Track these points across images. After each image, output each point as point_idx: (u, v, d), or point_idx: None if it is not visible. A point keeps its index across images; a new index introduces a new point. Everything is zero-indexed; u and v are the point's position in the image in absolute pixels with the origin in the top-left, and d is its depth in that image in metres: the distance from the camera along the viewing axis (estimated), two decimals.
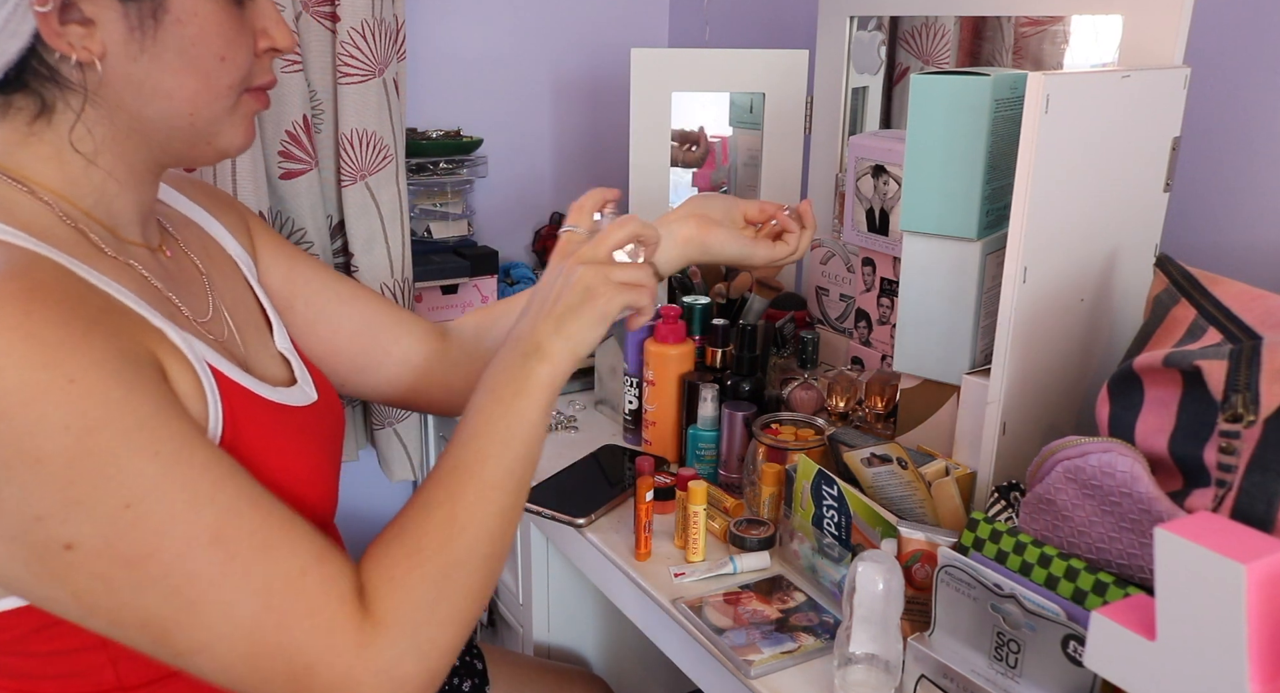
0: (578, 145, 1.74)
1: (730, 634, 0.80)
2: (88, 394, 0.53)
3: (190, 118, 0.66)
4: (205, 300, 0.75)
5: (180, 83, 0.64)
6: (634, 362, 1.11)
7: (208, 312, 0.74)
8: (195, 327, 0.71)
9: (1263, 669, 0.47)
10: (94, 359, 0.55)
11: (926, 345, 0.92)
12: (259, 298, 0.84)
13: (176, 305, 0.70)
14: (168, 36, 0.63)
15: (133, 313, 0.62)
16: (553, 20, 1.65)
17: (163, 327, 0.64)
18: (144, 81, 0.64)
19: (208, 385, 0.65)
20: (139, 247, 0.71)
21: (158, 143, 0.67)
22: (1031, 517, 0.69)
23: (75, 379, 0.53)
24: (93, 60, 0.61)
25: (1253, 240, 1.01)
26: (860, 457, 0.83)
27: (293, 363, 0.82)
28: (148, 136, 0.67)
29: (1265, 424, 0.60)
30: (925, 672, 0.70)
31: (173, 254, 0.75)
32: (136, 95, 0.64)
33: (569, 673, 1.16)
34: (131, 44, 0.62)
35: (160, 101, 0.65)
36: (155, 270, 0.70)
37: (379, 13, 1.28)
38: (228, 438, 0.65)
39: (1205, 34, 0.99)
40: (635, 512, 0.93)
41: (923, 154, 0.87)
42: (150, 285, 0.68)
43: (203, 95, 0.66)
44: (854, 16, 1.26)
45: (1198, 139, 1.03)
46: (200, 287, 0.76)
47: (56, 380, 0.53)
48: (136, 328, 0.61)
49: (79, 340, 0.54)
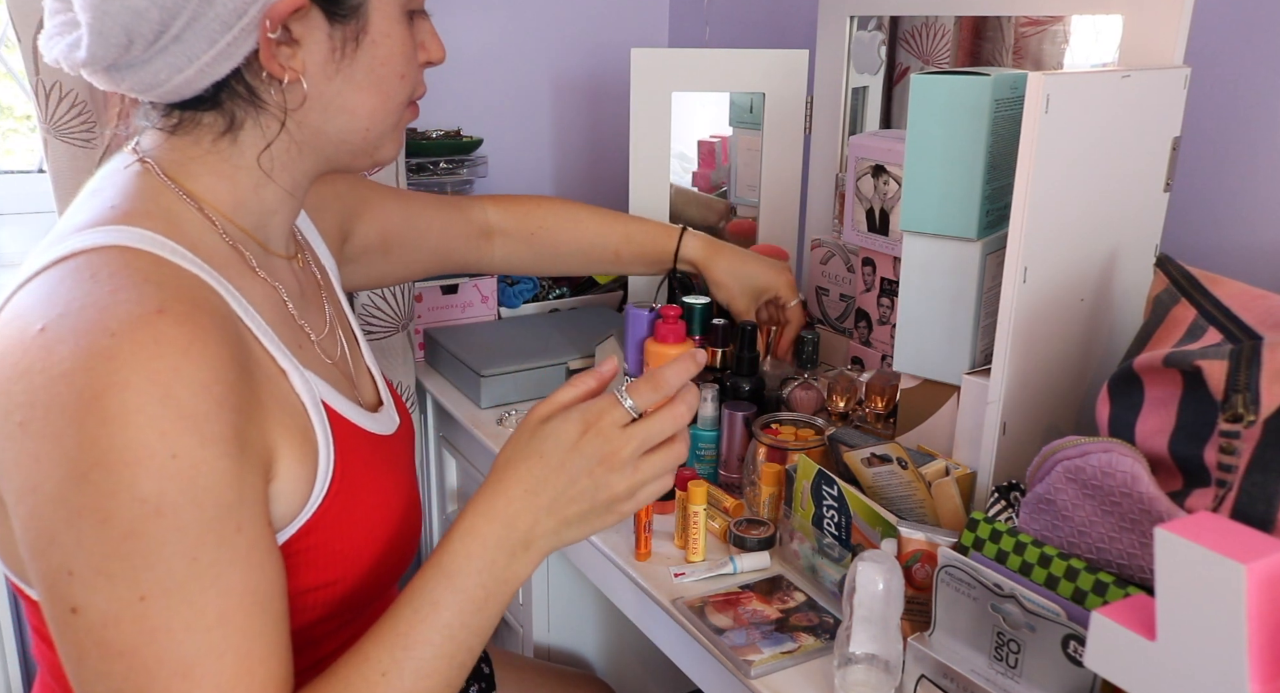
0: (578, 145, 1.74)
1: (730, 634, 0.80)
2: (178, 475, 0.53)
3: (365, 133, 0.68)
4: (323, 314, 0.76)
5: (363, 100, 0.67)
6: (634, 362, 1.11)
7: (324, 327, 0.75)
8: (316, 352, 0.72)
9: (1263, 669, 0.47)
10: (206, 438, 0.54)
11: (926, 345, 0.92)
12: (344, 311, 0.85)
13: (306, 333, 0.72)
14: (363, 56, 0.65)
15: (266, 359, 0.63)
16: (553, 20, 1.65)
17: (288, 367, 0.65)
18: (333, 100, 0.65)
19: (321, 430, 0.66)
20: (282, 259, 0.72)
21: (327, 156, 0.69)
22: (1031, 517, 0.69)
23: (178, 456, 0.54)
24: (295, 80, 0.63)
25: (1253, 240, 1.01)
26: (860, 457, 0.83)
27: (378, 381, 0.82)
28: (320, 150, 0.68)
29: (1265, 424, 0.60)
30: (925, 672, 0.70)
31: (304, 264, 0.77)
32: (323, 113, 0.66)
33: (575, 677, 1.16)
34: (330, 64, 0.64)
35: (343, 118, 0.67)
36: (293, 289, 0.72)
37: None
38: (337, 479, 0.66)
39: (1205, 34, 0.99)
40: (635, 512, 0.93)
41: (923, 154, 0.87)
42: (287, 313, 0.70)
43: (380, 111, 0.68)
44: (854, 16, 1.26)
45: (1198, 139, 1.03)
46: (319, 299, 0.77)
47: (162, 452, 0.53)
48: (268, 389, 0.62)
49: (208, 412, 0.55)
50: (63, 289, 0.57)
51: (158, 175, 0.65)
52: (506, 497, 0.63)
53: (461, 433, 1.31)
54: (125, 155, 0.67)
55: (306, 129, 0.67)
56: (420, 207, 1.04)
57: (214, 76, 0.62)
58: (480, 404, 1.25)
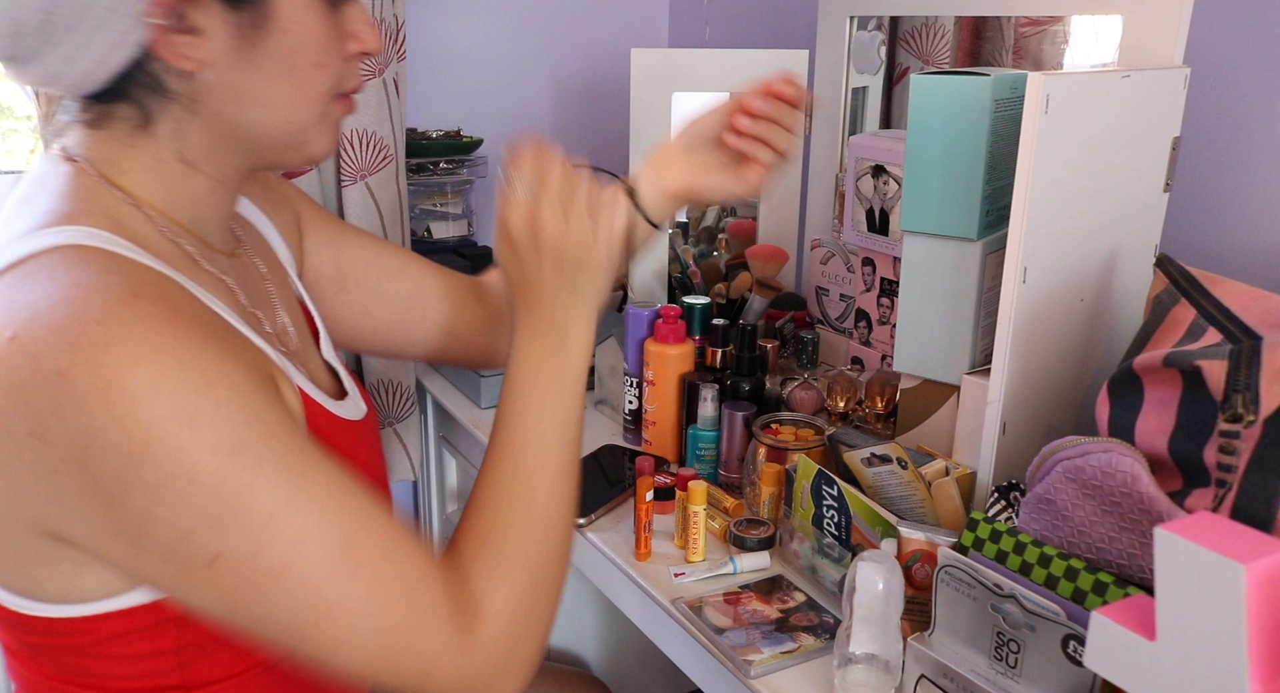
0: (578, 145, 1.74)
1: (730, 634, 0.80)
2: (232, 417, 0.56)
3: (286, 125, 0.67)
4: (272, 308, 0.76)
5: (277, 90, 0.65)
6: (634, 362, 1.11)
7: (277, 321, 0.75)
8: (274, 341, 0.71)
9: (1263, 669, 0.47)
10: (236, 381, 0.57)
11: (926, 345, 0.92)
12: (304, 303, 0.84)
13: (260, 320, 0.71)
14: (271, 44, 0.63)
15: (241, 333, 0.64)
16: (553, 20, 1.65)
17: (263, 346, 0.66)
18: (244, 90, 0.64)
19: (294, 404, 0.67)
20: (223, 255, 0.71)
21: (251, 150, 0.68)
22: (1031, 517, 0.69)
23: (222, 403, 0.55)
24: (199, 69, 0.62)
25: (1253, 240, 1.01)
26: (860, 457, 0.83)
27: (340, 373, 0.82)
28: (242, 143, 0.67)
29: (1265, 424, 0.60)
30: (925, 672, 0.70)
31: (243, 259, 0.75)
32: (236, 103, 0.64)
33: (569, 675, 1.16)
34: (235, 52, 0.62)
35: (258, 109, 0.65)
36: (239, 281, 0.71)
37: (379, 13, 1.28)
38: None
39: (1205, 34, 0.99)
40: (635, 512, 0.93)
41: (923, 154, 0.87)
42: (239, 302, 0.70)
43: (297, 103, 0.66)
44: (854, 16, 1.26)
45: (1198, 139, 1.03)
46: (266, 294, 0.76)
47: (207, 404, 0.55)
48: (248, 348, 0.64)
49: (223, 363, 0.56)
50: (21, 294, 0.55)
51: (90, 174, 0.64)
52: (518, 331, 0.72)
53: (461, 433, 1.31)
54: (53, 157, 0.66)
55: (223, 121, 0.65)
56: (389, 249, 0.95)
57: (112, 67, 0.61)
58: (480, 404, 1.25)
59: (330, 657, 0.60)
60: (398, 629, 0.60)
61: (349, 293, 0.90)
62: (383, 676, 0.62)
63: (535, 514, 0.68)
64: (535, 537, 0.67)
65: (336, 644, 0.60)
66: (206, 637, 0.65)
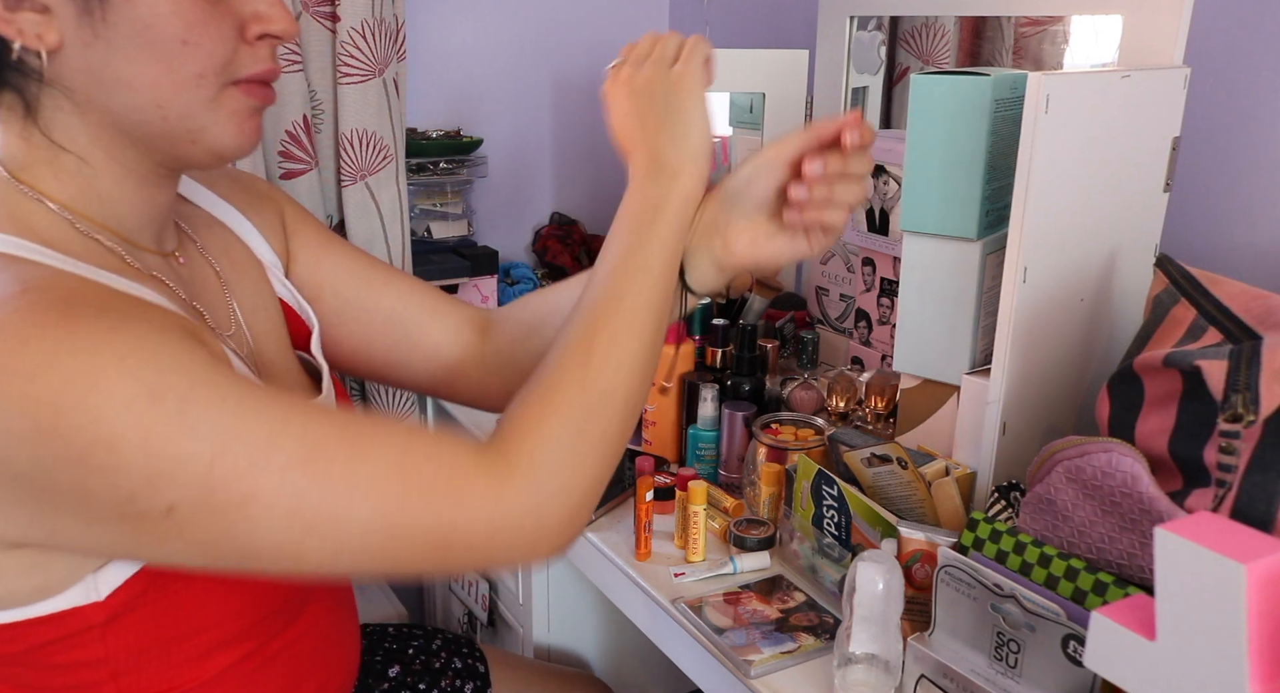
0: (578, 145, 1.74)
1: (730, 634, 0.80)
2: (141, 366, 0.52)
3: (159, 110, 0.61)
4: (226, 310, 0.74)
5: (138, 71, 0.60)
6: None
7: (230, 324, 0.73)
8: (222, 338, 0.70)
9: (1263, 669, 0.47)
10: (137, 335, 0.54)
11: (926, 345, 0.92)
12: (288, 304, 0.82)
13: (202, 315, 0.69)
14: (119, 19, 0.59)
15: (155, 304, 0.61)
16: (553, 20, 1.65)
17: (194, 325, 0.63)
18: (102, 70, 0.60)
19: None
20: (153, 254, 0.68)
21: (139, 140, 0.63)
22: (1031, 517, 0.69)
23: (125, 356, 0.52)
24: (55, 49, 0.58)
25: (1253, 240, 1.01)
26: (860, 457, 0.83)
27: (323, 374, 0.80)
28: (125, 133, 0.63)
29: (1265, 424, 0.60)
30: (925, 672, 0.70)
31: (186, 260, 0.72)
32: (98, 86, 0.60)
33: (571, 677, 1.15)
34: (84, 29, 0.58)
35: (124, 93, 0.60)
36: (175, 280, 0.69)
37: (379, 13, 1.28)
38: None
39: (1205, 34, 0.99)
40: (635, 512, 0.93)
41: (923, 154, 0.87)
42: (178, 296, 0.67)
43: (164, 84, 0.60)
44: (854, 16, 1.26)
45: (1198, 139, 1.03)
46: (219, 295, 0.74)
47: (108, 361, 0.52)
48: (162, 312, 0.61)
49: (119, 322, 0.54)
50: None
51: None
52: (632, 168, 0.72)
53: (461, 433, 1.31)
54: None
55: (92, 106, 0.61)
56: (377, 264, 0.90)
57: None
58: None
59: (339, 566, 0.58)
60: (398, 514, 0.57)
61: (324, 303, 0.85)
62: (405, 563, 0.58)
63: (598, 358, 0.64)
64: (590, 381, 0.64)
65: (338, 551, 0.57)
66: (137, 649, 0.63)
